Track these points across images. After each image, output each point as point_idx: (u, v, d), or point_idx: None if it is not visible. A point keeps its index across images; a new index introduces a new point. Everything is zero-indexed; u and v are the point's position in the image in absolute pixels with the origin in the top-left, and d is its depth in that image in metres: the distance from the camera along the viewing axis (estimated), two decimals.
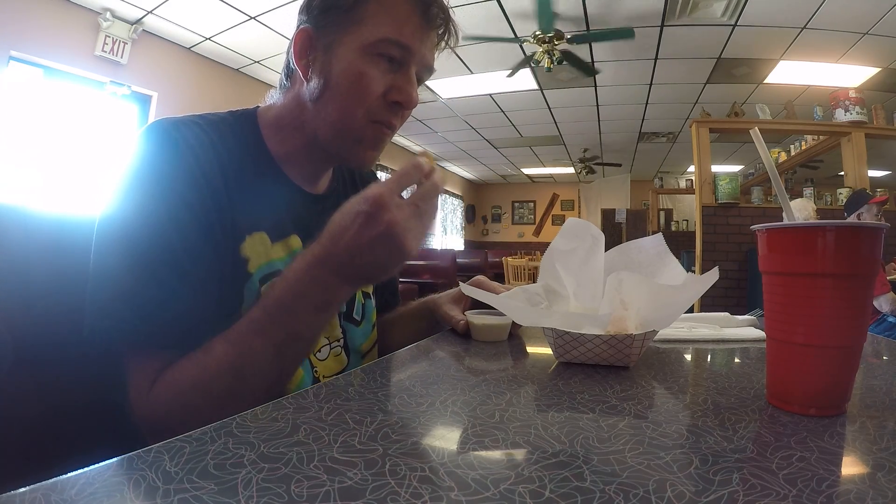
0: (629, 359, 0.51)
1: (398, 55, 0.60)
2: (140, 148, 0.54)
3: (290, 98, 0.65)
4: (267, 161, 0.65)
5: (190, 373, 0.49)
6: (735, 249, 3.92)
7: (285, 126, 0.65)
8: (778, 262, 0.38)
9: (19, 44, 3.05)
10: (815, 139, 4.61)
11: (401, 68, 0.61)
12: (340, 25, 0.60)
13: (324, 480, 0.25)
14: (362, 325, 0.73)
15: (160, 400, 0.49)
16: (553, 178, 10.64)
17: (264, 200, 0.62)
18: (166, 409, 0.49)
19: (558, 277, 0.67)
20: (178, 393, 0.49)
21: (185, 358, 0.50)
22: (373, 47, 0.59)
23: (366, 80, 0.59)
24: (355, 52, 0.59)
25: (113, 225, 0.51)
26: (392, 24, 0.59)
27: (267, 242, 0.60)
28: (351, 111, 0.61)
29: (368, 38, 0.59)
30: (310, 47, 0.61)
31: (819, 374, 0.37)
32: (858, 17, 3.41)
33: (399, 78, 0.61)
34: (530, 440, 0.32)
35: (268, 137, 0.65)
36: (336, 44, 0.60)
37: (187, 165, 0.54)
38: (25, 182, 3.12)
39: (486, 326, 0.67)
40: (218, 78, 4.54)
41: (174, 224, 0.51)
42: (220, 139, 0.59)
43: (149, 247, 0.50)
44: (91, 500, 0.23)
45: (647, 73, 4.69)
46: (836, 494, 0.24)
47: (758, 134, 0.49)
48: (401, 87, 0.61)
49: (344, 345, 0.70)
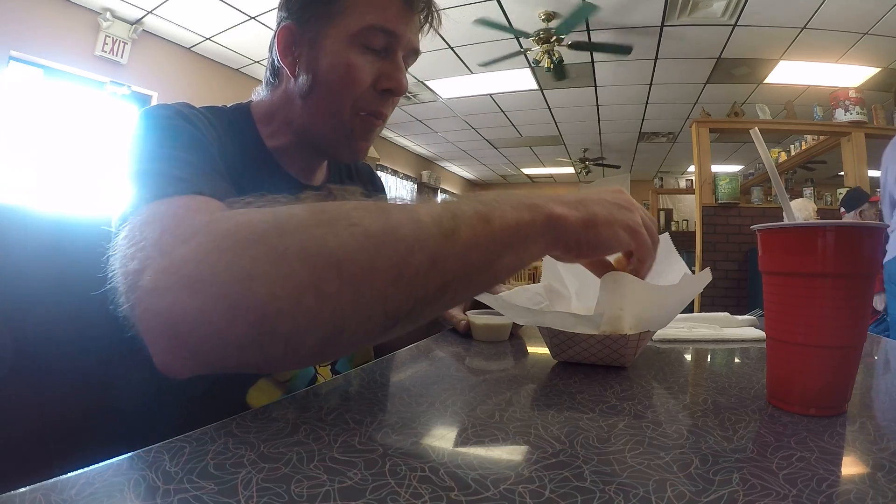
0: (625, 359, 0.51)
1: (384, 42, 0.60)
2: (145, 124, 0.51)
3: (278, 95, 0.65)
4: (263, 153, 0.65)
5: (344, 202, 0.35)
6: (735, 249, 3.92)
7: (276, 121, 0.66)
8: (778, 262, 0.38)
9: (19, 44, 3.05)
10: (815, 139, 4.61)
11: (388, 55, 0.61)
12: (323, 18, 0.59)
13: (324, 480, 0.25)
14: None
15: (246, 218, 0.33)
16: (553, 178, 10.63)
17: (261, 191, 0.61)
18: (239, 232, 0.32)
19: (560, 278, 0.67)
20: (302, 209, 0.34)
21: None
22: (358, 37, 0.58)
23: (354, 71, 0.59)
24: (341, 43, 0.59)
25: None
26: (374, 11, 0.58)
27: None
28: (341, 104, 0.60)
29: (353, 27, 0.58)
30: (293, 43, 0.61)
31: (819, 374, 0.37)
32: (858, 17, 3.41)
33: (387, 65, 0.61)
34: (530, 440, 0.32)
35: (262, 130, 0.66)
36: (320, 37, 0.59)
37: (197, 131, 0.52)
38: (25, 182, 3.11)
39: (486, 326, 0.67)
40: (218, 78, 4.54)
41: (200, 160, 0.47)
42: (223, 130, 0.59)
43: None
44: (91, 500, 0.23)
45: (647, 73, 4.69)
46: (836, 494, 0.24)
47: (758, 134, 0.49)
48: (390, 74, 0.61)
49: None
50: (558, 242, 0.41)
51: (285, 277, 0.30)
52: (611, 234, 0.43)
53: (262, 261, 0.30)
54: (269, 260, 0.30)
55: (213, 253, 0.31)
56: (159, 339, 0.32)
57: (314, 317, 0.31)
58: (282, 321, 0.30)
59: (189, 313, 0.30)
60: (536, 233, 0.39)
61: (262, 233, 0.31)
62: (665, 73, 4.65)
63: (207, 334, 0.31)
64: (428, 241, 0.33)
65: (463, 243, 0.35)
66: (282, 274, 0.30)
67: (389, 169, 7.69)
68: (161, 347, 0.32)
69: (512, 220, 0.37)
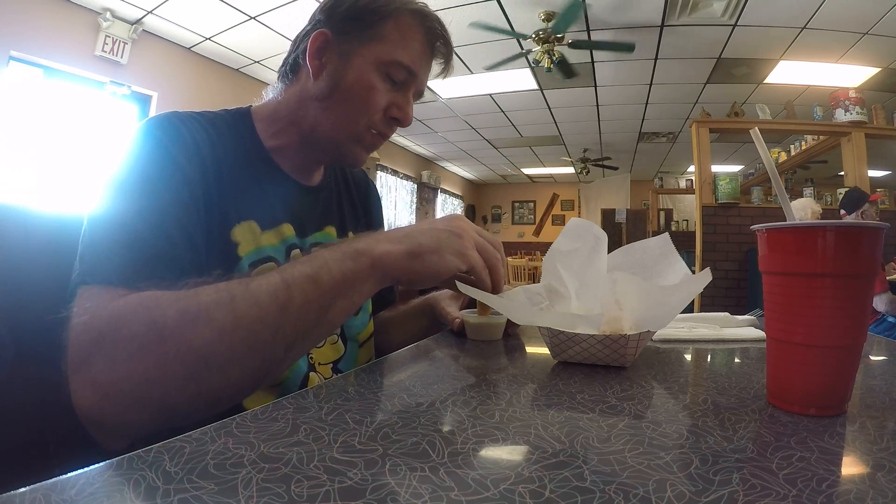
0: (625, 359, 0.51)
1: (403, 77, 0.66)
2: (142, 136, 0.55)
3: (291, 92, 0.68)
4: (261, 154, 0.67)
5: (206, 293, 0.43)
6: (735, 249, 3.92)
7: (281, 119, 0.68)
8: (778, 261, 0.38)
9: (19, 44, 3.05)
10: (815, 139, 4.61)
11: (402, 88, 0.67)
12: (360, 38, 0.64)
13: (324, 480, 0.25)
14: (360, 315, 0.75)
15: (130, 313, 0.41)
16: (553, 178, 10.64)
17: (256, 190, 0.64)
18: (131, 328, 0.41)
19: (560, 278, 0.67)
20: (175, 310, 0.41)
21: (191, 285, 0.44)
22: (385, 66, 0.64)
23: (374, 94, 0.64)
24: (369, 65, 0.64)
25: (105, 208, 0.50)
26: (405, 49, 0.65)
27: (256, 230, 0.62)
28: (355, 117, 0.65)
29: (384, 56, 0.64)
30: (326, 49, 0.65)
31: (819, 374, 0.37)
32: (858, 17, 3.41)
33: (399, 97, 0.67)
34: (530, 440, 0.32)
35: (262, 132, 0.68)
36: (353, 54, 0.64)
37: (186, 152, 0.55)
38: (25, 182, 3.12)
39: (478, 325, 0.68)
40: (218, 78, 4.54)
41: (167, 206, 0.51)
42: (217, 134, 0.62)
43: (136, 219, 0.48)
44: (91, 500, 0.23)
45: (647, 73, 4.69)
46: (836, 494, 0.24)
47: (758, 134, 0.49)
48: (401, 106, 0.67)
49: (341, 333, 0.71)
50: (386, 278, 0.49)
51: (171, 377, 0.40)
52: (437, 259, 0.50)
53: (151, 368, 0.40)
54: (156, 366, 0.40)
55: (115, 366, 0.40)
56: (88, 424, 0.41)
57: (196, 396, 0.42)
58: (175, 404, 0.41)
59: (105, 414, 0.40)
60: (364, 276, 0.47)
61: (147, 342, 0.40)
62: (665, 73, 4.65)
63: (122, 422, 0.41)
64: (268, 319, 0.43)
65: (297, 308, 0.44)
66: (168, 374, 0.40)
67: (389, 169, 7.69)
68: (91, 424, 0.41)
69: (338, 273, 0.46)
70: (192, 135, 0.57)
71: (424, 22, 0.66)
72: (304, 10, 3.55)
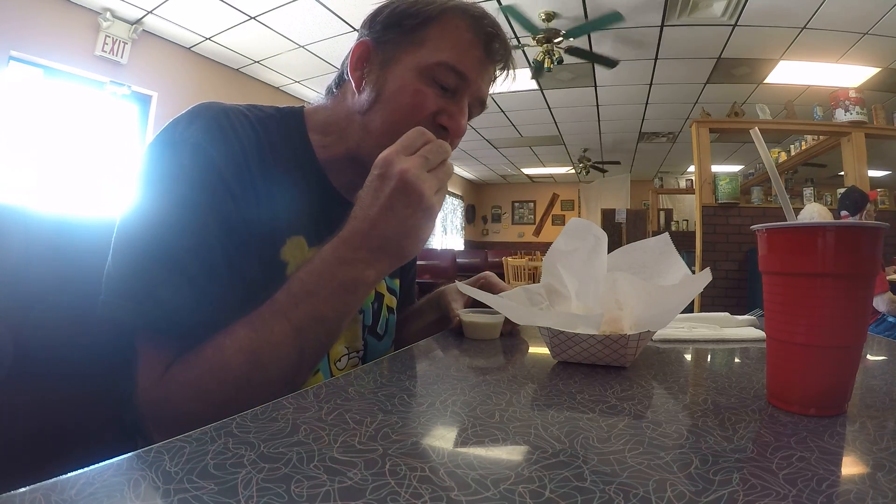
0: (625, 359, 0.51)
1: (454, 82, 0.60)
2: (187, 128, 0.52)
3: (339, 107, 0.65)
4: (311, 164, 0.64)
5: (207, 355, 0.47)
6: (735, 249, 3.92)
7: (331, 132, 0.65)
8: (778, 262, 0.38)
9: (19, 44, 3.05)
10: (815, 139, 4.61)
11: (454, 96, 0.61)
12: (400, 45, 0.60)
13: (324, 480, 0.25)
14: (384, 340, 0.73)
15: (173, 384, 0.47)
16: (553, 178, 10.64)
17: (305, 204, 0.61)
18: (179, 396, 0.47)
19: (560, 278, 0.67)
20: (193, 377, 0.47)
21: (207, 341, 0.48)
22: (429, 70, 0.59)
23: (420, 96, 0.59)
24: (411, 71, 0.59)
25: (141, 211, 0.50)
26: (452, 50, 0.59)
27: (304, 246, 0.59)
28: (399, 128, 0.56)
29: (427, 60, 0.59)
30: (367, 60, 0.61)
31: (819, 374, 0.37)
32: (858, 17, 3.41)
33: (452, 105, 0.61)
34: (530, 440, 0.32)
35: (313, 139, 0.64)
36: (393, 62, 0.60)
37: (233, 155, 0.53)
38: (25, 182, 3.12)
39: (474, 324, 0.68)
40: (218, 78, 4.54)
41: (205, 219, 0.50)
42: (267, 137, 0.59)
43: (174, 236, 0.48)
44: (91, 500, 0.23)
45: (647, 73, 4.69)
46: (836, 494, 0.24)
47: (758, 134, 0.49)
48: (452, 113, 0.60)
49: (363, 357, 0.69)
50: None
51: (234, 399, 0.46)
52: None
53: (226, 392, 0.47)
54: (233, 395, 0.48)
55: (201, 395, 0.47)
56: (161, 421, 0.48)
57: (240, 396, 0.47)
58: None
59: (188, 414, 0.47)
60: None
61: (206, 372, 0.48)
62: (665, 73, 4.65)
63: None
64: (290, 368, 0.49)
65: (311, 354, 0.50)
66: (231, 398, 0.47)
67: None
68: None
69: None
70: (239, 141, 0.55)
71: (475, 22, 0.60)
72: (305, 10, 3.56)
